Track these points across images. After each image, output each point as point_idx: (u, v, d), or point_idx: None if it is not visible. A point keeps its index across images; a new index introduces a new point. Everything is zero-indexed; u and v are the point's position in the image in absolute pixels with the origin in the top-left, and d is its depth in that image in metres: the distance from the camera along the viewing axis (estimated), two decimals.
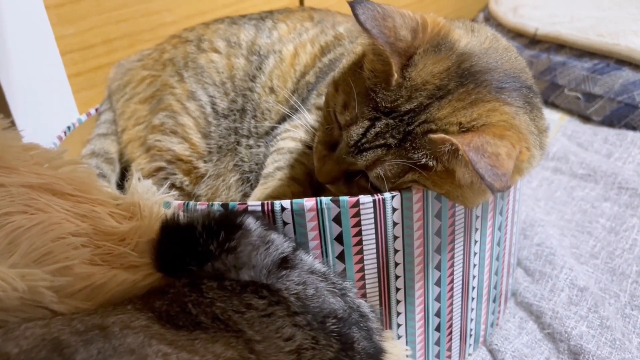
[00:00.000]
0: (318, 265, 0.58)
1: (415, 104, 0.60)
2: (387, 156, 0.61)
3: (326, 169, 0.67)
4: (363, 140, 0.62)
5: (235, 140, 0.89)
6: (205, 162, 0.90)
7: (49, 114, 1.08)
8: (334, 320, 0.53)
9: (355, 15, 0.58)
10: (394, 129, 0.60)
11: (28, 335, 0.45)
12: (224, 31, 0.95)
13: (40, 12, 1.03)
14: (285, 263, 0.55)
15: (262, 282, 0.53)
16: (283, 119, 0.85)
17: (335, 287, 0.56)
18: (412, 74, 0.60)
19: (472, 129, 0.58)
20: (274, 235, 0.57)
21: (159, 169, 0.91)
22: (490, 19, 1.98)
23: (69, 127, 0.93)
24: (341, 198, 0.60)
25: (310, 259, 0.58)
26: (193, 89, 0.91)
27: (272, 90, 0.88)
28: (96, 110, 1.00)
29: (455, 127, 0.59)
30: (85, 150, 0.95)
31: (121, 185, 0.92)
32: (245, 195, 0.87)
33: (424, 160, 0.59)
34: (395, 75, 0.60)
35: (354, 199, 0.60)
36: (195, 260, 0.54)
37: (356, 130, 0.62)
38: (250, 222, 0.57)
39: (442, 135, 0.57)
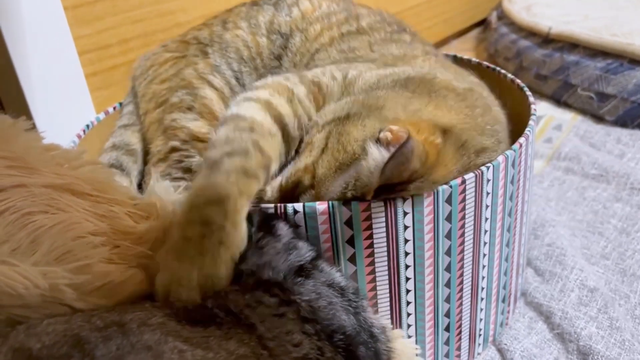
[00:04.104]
0: (338, 279, 0.59)
1: None
2: None
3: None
4: None
5: None
6: None
7: (66, 112, 1.10)
8: (341, 336, 0.53)
9: (390, 161, 0.57)
10: None
11: (50, 331, 0.47)
12: (245, 13, 0.97)
13: (59, 13, 1.05)
14: (301, 271, 0.56)
15: (276, 280, 0.54)
16: None
17: (350, 305, 0.57)
18: None
19: None
20: (300, 244, 0.58)
21: (173, 149, 0.88)
22: (504, 18, 1.98)
23: (87, 126, 0.95)
24: (353, 202, 0.61)
25: (331, 271, 0.59)
26: (217, 63, 0.91)
27: (295, 65, 0.90)
28: (114, 109, 1.02)
29: None
30: (107, 143, 0.96)
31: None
32: None
33: None
34: (372, 195, 0.61)
35: (365, 203, 0.61)
36: None
37: None
38: (282, 228, 0.58)
39: None
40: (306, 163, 0.67)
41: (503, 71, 0.97)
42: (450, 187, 0.64)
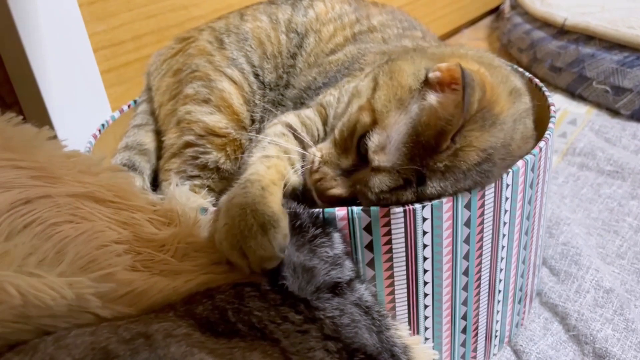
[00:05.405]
0: (366, 298, 0.59)
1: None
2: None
3: (334, 193, 0.66)
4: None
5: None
6: (249, 132, 0.86)
7: (83, 108, 1.10)
8: (362, 356, 0.54)
9: (465, 95, 0.57)
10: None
11: (78, 343, 0.48)
12: (263, 9, 0.96)
13: (75, 10, 1.05)
14: (335, 289, 0.57)
15: (302, 296, 0.55)
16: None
17: (374, 324, 0.57)
18: (457, 143, 0.60)
19: None
20: (346, 262, 0.59)
21: (187, 144, 0.86)
22: (517, 7, 1.95)
23: (103, 125, 0.95)
24: (372, 208, 0.61)
25: (361, 290, 0.60)
26: (234, 56, 0.89)
27: (309, 65, 0.90)
28: (128, 106, 1.02)
29: None
30: (120, 143, 0.96)
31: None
32: None
33: None
34: (449, 141, 0.60)
35: (385, 209, 0.61)
36: None
37: (387, 183, 0.61)
38: (337, 239, 0.59)
39: None
40: (359, 104, 0.66)
41: (521, 69, 0.96)
42: (470, 193, 0.64)
